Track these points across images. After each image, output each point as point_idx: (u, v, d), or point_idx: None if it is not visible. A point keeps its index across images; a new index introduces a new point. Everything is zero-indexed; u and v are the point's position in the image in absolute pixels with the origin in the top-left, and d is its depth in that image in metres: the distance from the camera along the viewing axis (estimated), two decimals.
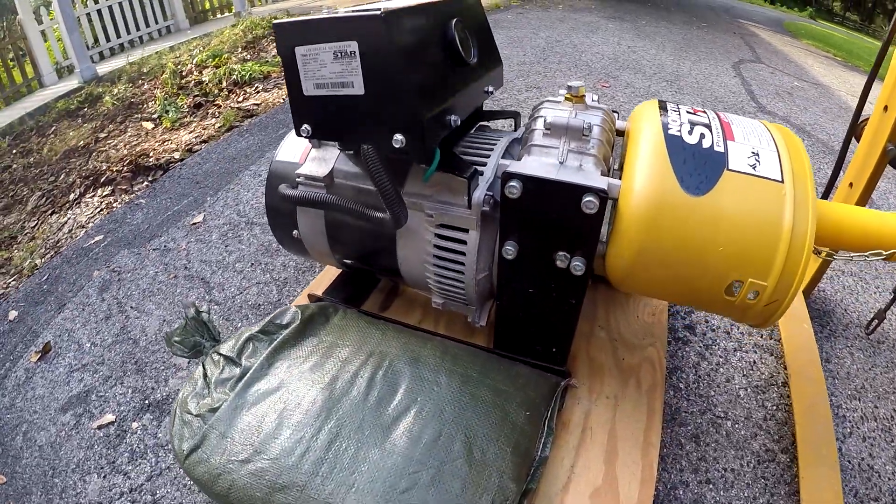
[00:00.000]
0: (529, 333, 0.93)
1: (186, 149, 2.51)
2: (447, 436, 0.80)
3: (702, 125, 0.71)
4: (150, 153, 2.49)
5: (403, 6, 0.75)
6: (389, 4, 0.78)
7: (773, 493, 0.99)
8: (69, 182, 2.52)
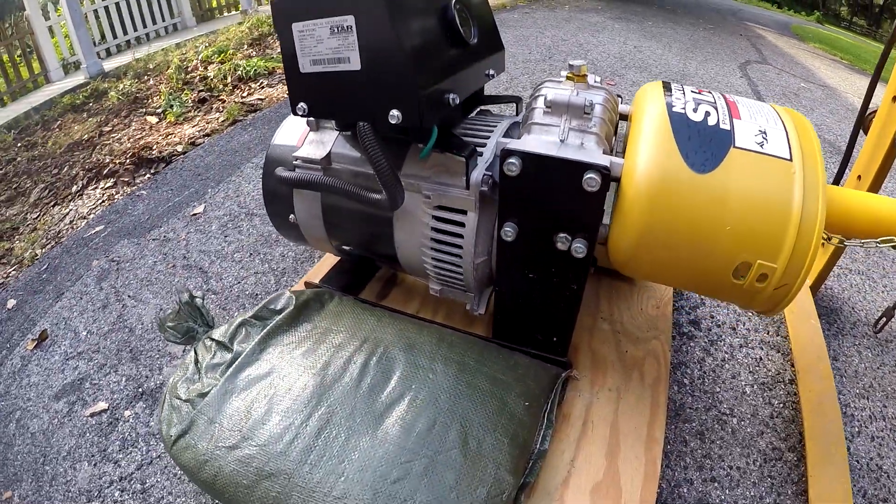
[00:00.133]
0: (529, 322, 0.90)
1: (189, 142, 2.51)
2: (442, 425, 0.78)
3: (707, 103, 0.69)
4: (154, 146, 2.49)
5: None
6: None
7: (780, 493, 0.96)
8: (72, 174, 2.51)
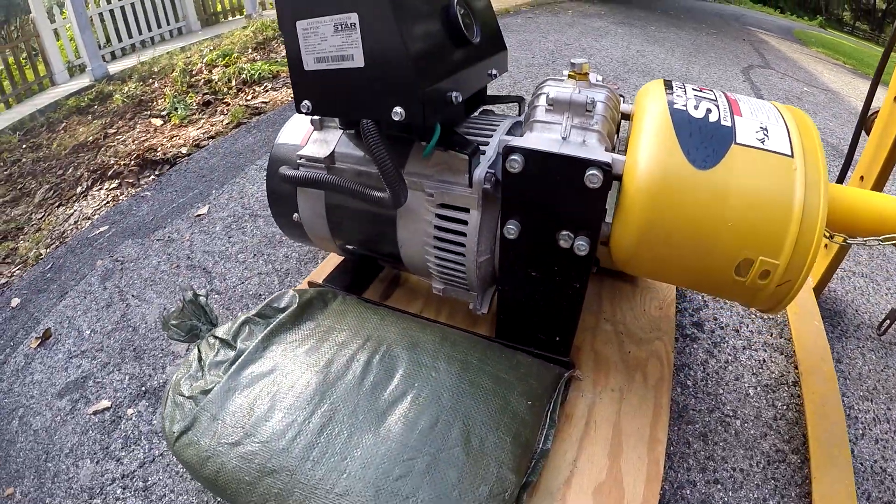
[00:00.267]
0: (532, 321, 0.90)
1: (194, 144, 2.52)
2: (444, 423, 0.78)
3: (708, 100, 0.69)
4: (158, 148, 2.51)
5: None
6: None
7: (784, 495, 0.95)
8: (77, 176, 2.53)
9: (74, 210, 2.23)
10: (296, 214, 1.01)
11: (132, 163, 2.39)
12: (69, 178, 2.55)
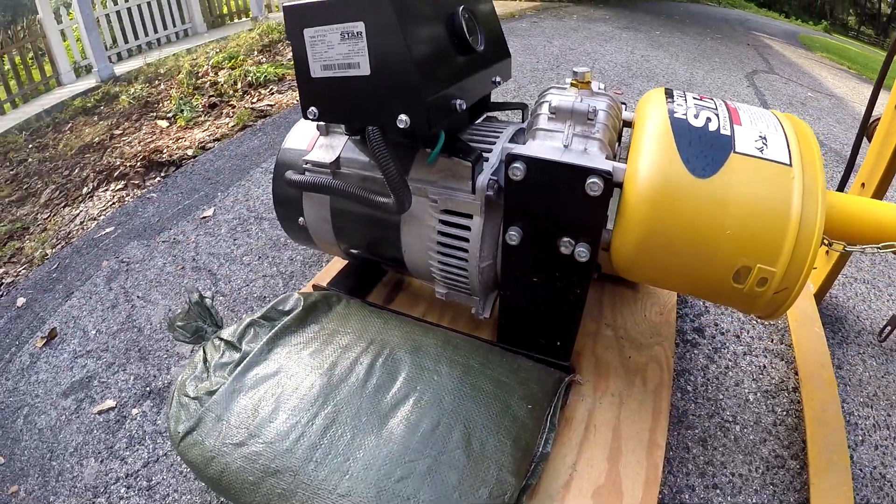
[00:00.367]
0: (533, 326, 0.91)
1: (200, 146, 2.54)
2: (446, 426, 0.79)
3: (708, 109, 0.70)
4: (164, 150, 2.53)
5: None
6: None
7: (783, 501, 0.96)
8: (83, 176, 2.55)
9: (80, 211, 2.25)
10: (301, 218, 1.02)
11: (138, 164, 2.41)
12: (75, 179, 2.58)
